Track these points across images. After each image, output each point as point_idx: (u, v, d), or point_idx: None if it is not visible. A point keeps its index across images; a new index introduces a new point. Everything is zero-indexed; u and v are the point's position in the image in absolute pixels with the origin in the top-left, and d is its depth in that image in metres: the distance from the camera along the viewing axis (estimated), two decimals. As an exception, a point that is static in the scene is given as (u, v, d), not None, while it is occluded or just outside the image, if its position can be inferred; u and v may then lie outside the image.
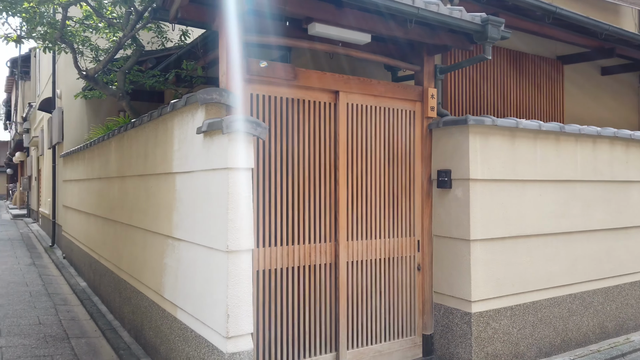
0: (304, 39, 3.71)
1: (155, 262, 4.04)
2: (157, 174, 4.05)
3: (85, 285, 6.93)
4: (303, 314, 3.52)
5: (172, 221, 3.68)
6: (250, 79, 3.35)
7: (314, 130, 3.65)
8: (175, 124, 3.61)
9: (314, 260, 3.59)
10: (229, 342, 2.84)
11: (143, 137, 4.38)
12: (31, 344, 4.49)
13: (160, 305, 3.91)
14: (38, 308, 5.74)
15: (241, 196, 2.92)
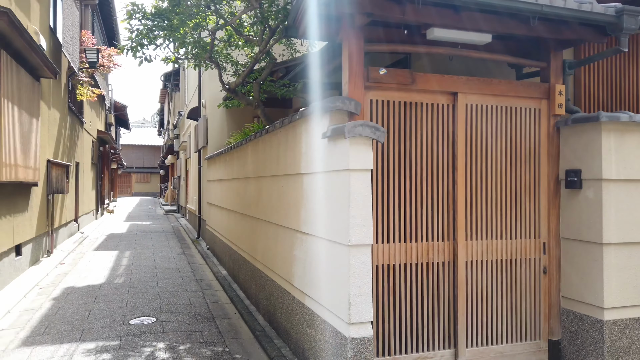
0: (422, 44, 3.84)
1: (286, 253, 4.48)
2: (287, 175, 4.49)
3: (225, 274, 7.80)
4: (421, 308, 3.66)
5: (300, 217, 4.07)
6: (370, 86, 3.59)
7: (431, 131, 3.76)
8: (303, 129, 3.99)
9: (432, 258, 3.70)
10: (351, 327, 3.11)
11: (275, 141, 4.87)
12: (184, 320, 5.25)
13: (290, 292, 4.33)
14: (188, 291, 6.64)
15: (361, 195, 3.16)
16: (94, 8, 14.82)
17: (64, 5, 10.02)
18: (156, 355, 4.20)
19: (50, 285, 6.96)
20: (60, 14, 9.71)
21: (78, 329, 4.90)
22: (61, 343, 4.48)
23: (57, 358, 4.12)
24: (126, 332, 4.80)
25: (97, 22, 16.05)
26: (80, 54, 11.74)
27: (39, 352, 4.27)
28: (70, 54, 10.55)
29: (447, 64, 4.58)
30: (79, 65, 11.64)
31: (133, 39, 5.07)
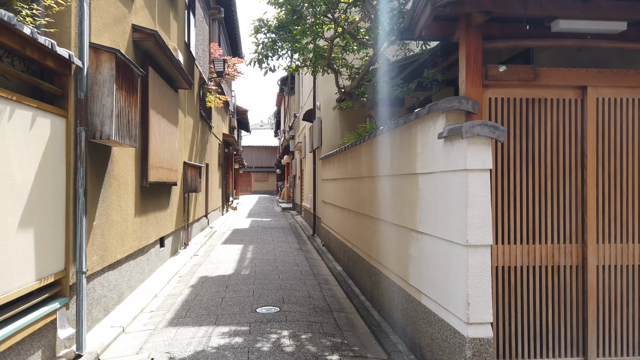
0: (545, 37, 3.67)
1: (401, 251, 4.56)
2: (401, 175, 4.57)
3: (340, 269, 8.08)
4: (545, 313, 3.51)
5: (415, 216, 4.13)
6: (488, 84, 3.53)
7: (556, 128, 3.59)
8: (419, 130, 4.05)
9: (557, 261, 3.53)
10: (469, 327, 3.11)
11: (389, 142, 4.97)
12: (305, 311, 5.59)
13: (405, 290, 4.41)
14: (307, 284, 7.02)
15: (480, 195, 3.15)
16: (220, 21, 16.15)
17: (197, 21, 11.11)
18: (281, 342, 4.56)
19: (188, 274, 7.82)
20: (193, 30, 10.80)
21: (213, 313, 5.48)
22: (200, 325, 5.07)
23: (198, 338, 4.67)
24: (254, 319, 5.26)
25: (223, 33, 17.45)
26: (209, 64, 12.91)
27: (183, 332, 4.88)
28: (202, 66, 11.67)
29: (570, 57, 4.30)
30: (209, 75, 12.82)
31: (259, 52, 5.53)
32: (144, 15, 6.81)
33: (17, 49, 3.37)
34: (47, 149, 3.81)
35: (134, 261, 6.36)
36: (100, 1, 4.97)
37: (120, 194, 5.63)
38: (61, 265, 4.04)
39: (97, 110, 4.53)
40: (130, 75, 5.11)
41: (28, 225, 3.52)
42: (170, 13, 8.63)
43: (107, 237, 5.16)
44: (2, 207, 3.19)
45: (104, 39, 5.07)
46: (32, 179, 3.58)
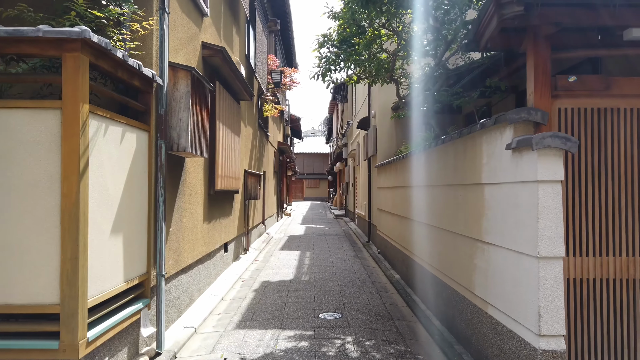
0: (617, 46, 3.61)
1: (465, 261, 4.57)
2: (465, 184, 4.59)
3: (399, 277, 8.11)
4: (620, 328, 3.43)
5: (481, 226, 4.15)
6: (557, 94, 3.52)
7: (629, 138, 3.51)
8: (484, 140, 4.07)
9: (632, 274, 3.45)
10: (541, 339, 3.11)
11: (452, 151, 5.00)
12: (366, 318, 5.69)
13: (470, 300, 4.42)
14: (366, 292, 7.11)
15: (551, 207, 3.14)
16: (276, 33, 16.62)
17: (256, 35, 11.54)
18: (346, 347, 4.68)
19: (250, 279, 8.12)
20: (252, 43, 11.22)
21: (278, 317, 5.69)
22: (267, 329, 5.28)
23: (266, 341, 4.88)
24: (317, 324, 5.41)
25: (279, 44, 17.94)
26: (267, 75, 13.34)
27: (251, 334, 5.11)
28: (260, 77, 12.09)
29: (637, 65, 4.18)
30: (266, 85, 13.24)
31: (322, 65, 5.73)
32: (212, 32, 7.20)
33: (110, 71, 3.72)
34: (133, 161, 4.16)
35: (202, 265, 6.70)
36: (176, 22, 5.33)
37: (191, 201, 5.98)
38: (144, 268, 4.37)
39: (175, 124, 4.87)
40: (203, 91, 5.44)
41: (118, 231, 3.85)
42: (233, 28, 9.04)
43: (180, 243, 5.50)
44: (98, 215, 3.53)
45: (179, 57, 5.43)
46: (121, 189, 3.92)
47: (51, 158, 3.20)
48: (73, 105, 3.21)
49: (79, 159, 3.21)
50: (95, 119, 3.48)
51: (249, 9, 10.59)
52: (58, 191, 3.20)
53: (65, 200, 3.19)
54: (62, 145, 3.20)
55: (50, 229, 3.18)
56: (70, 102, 3.21)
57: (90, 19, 3.56)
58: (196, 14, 6.22)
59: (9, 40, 3.16)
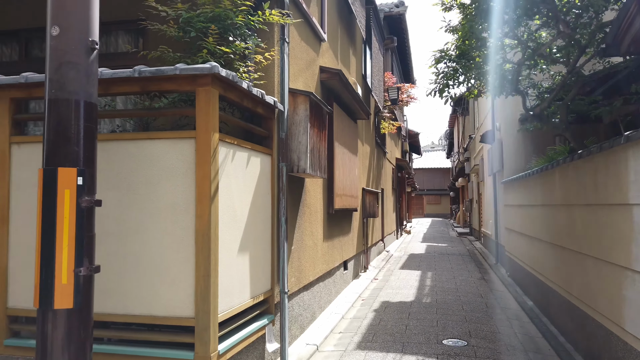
0: None
1: (611, 292, 4.02)
2: (608, 205, 4.06)
3: (532, 305, 7.43)
4: None
5: (630, 253, 3.62)
6: None
7: None
8: (630, 155, 3.57)
9: None
10: None
11: (591, 167, 4.47)
12: (495, 348, 5.28)
13: (620, 337, 3.86)
14: (494, 319, 6.62)
15: None
16: (392, 50, 16.63)
17: (372, 54, 11.66)
18: (471, 378, 4.39)
19: (370, 298, 8.06)
20: (369, 62, 11.35)
21: (399, 341, 5.54)
22: (387, 351, 5.17)
23: (386, 364, 4.78)
24: (441, 350, 5.16)
25: (395, 61, 17.92)
26: (383, 93, 13.37)
27: (372, 356, 5.04)
28: (377, 95, 12.15)
29: None
30: (383, 103, 13.26)
31: (439, 81, 5.57)
32: (329, 56, 7.42)
33: (236, 101, 4.01)
34: (257, 184, 4.41)
35: (323, 283, 6.83)
36: (295, 50, 5.60)
37: (311, 220, 6.15)
38: (268, 285, 4.57)
39: (294, 147, 5.07)
40: (320, 113, 5.61)
41: (244, 250, 4.09)
42: (350, 50, 9.23)
43: (302, 261, 5.67)
44: (227, 235, 3.78)
45: (298, 83, 5.68)
46: (247, 210, 4.17)
47: (187, 183, 3.52)
48: (205, 134, 3.51)
49: (210, 183, 3.48)
50: (224, 145, 3.77)
51: (365, 29, 10.75)
52: (193, 213, 3.50)
53: (198, 221, 3.47)
54: (196, 171, 3.51)
55: (186, 248, 3.49)
56: (202, 132, 3.51)
57: (219, 55, 3.88)
58: (314, 40, 6.47)
59: (153, 79, 3.58)
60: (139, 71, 3.52)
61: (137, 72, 3.52)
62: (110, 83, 3.65)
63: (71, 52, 2.71)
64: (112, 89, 3.67)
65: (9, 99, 3.80)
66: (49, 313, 2.56)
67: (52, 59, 2.71)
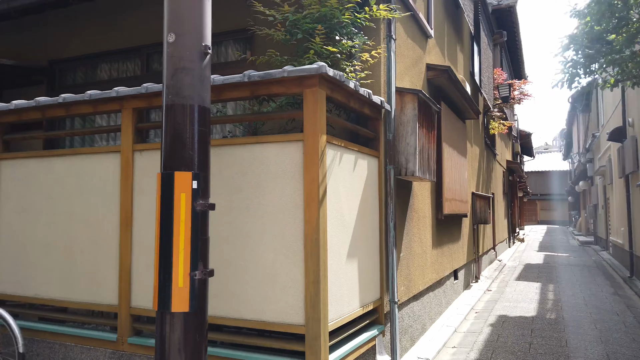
0: None
1: None
2: None
3: (683, 326, 6.35)
4: None
5: None
6: None
7: None
8: None
9: None
10: None
11: None
12: (641, 376, 4.54)
13: None
14: (637, 341, 5.73)
15: None
16: (502, 45, 15.59)
17: (481, 49, 10.97)
18: (616, 411, 3.77)
19: (484, 311, 7.48)
20: (477, 58, 10.69)
21: (521, 360, 5.01)
22: (509, 371, 4.68)
23: (509, 386, 4.31)
24: (573, 375, 4.56)
25: (505, 56, 16.80)
26: (493, 90, 12.52)
27: (490, 375, 4.59)
28: (486, 93, 11.40)
29: None
30: (493, 102, 12.42)
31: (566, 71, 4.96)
32: (435, 53, 7.05)
33: (343, 102, 3.87)
34: (365, 187, 4.23)
35: (433, 293, 6.45)
36: (402, 47, 5.35)
37: (420, 226, 5.83)
38: (377, 294, 4.36)
39: (402, 149, 4.82)
40: (429, 112, 5.29)
41: (353, 256, 3.92)
42: (457, 46, 8.74)
43: (410, 269, 5.37)
44: (336, 240, 3.64)
45: (404, 81, 5.41)
46: (355, 214, 4.00)
47: (295, 187, 3.45)
48: (312, 137, 3.41)
49: (318, 187, 3.37)
50: (332, 148, 3.64)
51: (474, 24, 10.15)
52: (301, 217, 3.41)
53: (307, 226, 3.37)
54: (304, 174, 3.42)
55: (295, 253, 3.40)
56: (310, 134, 3.42)
57: (326, 55, 3.78)
58: (420, 37, 6.17)
59: (261, 83, 3.57)
60: (248, 75, 3.53)
61: (247, 77, 3.54)
62: (222, 89, 3.71)
63: (186, 57, 2.75)
64: (223, 95, 3.74)
65: (131, 109, 4.04)
66: (166, 315, 2.60)
67: (168, 66, 2.77)
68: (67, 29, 6.11)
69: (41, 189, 4.35)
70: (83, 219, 4.15)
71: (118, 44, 5.79)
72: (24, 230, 4.40)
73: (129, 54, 5.83)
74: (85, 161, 4.19)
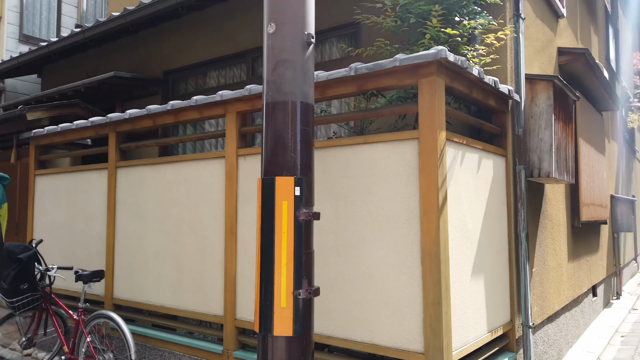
0: None
1: None
2: None
3: None
4: None
5: None
6: None
7: None
8: None
9: None
10: None
11: None
12: None
13: None
14: None
15: None
16: None
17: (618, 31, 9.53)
18: None
19: (632, 334, 6.32)
20: (613, 41, 9.28)
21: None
22: (682, 420, 3.75)
23: None
24: None
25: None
26: (633, 77, 10.86)
27: (657, 423, 3.70)
28: (625, 80, 9.88)
29: None
30: (632, 90, 10.76)
31: None
32: (567, 35, 6.12)
33: (464, 92, 3.34)
34: (490, 192, 3.64)
35: (569, 313, 5.54)
36: (530, 29, 4.62)
37: (553, 236, 5.01)
38: (507, 316, 3.73)
39: (534, 146, 4.12)
40: (565, 102, 4.51)
41: (478, 272, 3.36)
42: (590, 27, 7.59)
43: (544, 286, 4.60)
44: (458, 254, 3.12)
45: (533, 67, 4.68)
46: (479, 224, 3.44)
47: (409, 192, 3.00)
48: (429, 134, 2.94)
49: (437, 191, 2.89)
50: (452, 146, 3.14)
51: (610, 2, 8.82)
52: (417, 227, 2.95)
53: (425, 237, 2.91)
54: (420, 177, 2.96)
55: (411, 269, 2.96)
56: (426, 131, 2.95)
57: (443, 40, 3.29)
58: (551, 17, 5.34)
59: (369, 76, 3.18)
60: (355, 69, 3.17)
61: (354, 70, 3.17)
62: (326, 86, 3.39)
63: (287, 49, 2.46)
64: (327, 92, 3.41)
65: (235, 112, 3.89)
66: (268, 339, 2.31)
67: (268, 59, 2.50)
68: (178, 40, 6.28)
69: (153, 196, 4.40)
70: (190, 226, 4.09)
71: (224, 51, 5.80)
72: (138, 237, 4.48)
73: (235, 60, 5.81)
74: (192, 168, 4.14)
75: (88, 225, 4.94)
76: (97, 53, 7.23)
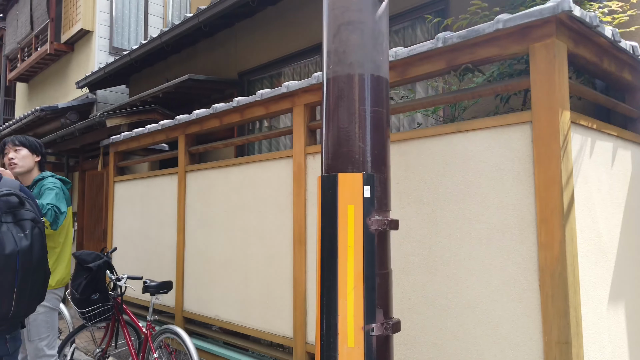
0: None
1: None
2: None
3: None
4: None
5: None
6: None
7: None
8: None
9: None
10: None
11: None
12: None
13: None
14: None
15: None
16: None
17: None
18: None
19: None
20: None
21: None
22: None
23: None
24: None
25: None
26: None
27: None
28: None
29: None
30: None
31: None
32: None
33: (592, 62, 2.54)
34: (629, 192, 2.77)
35: None
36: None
37: None
38: (657, 357, 2.82)
39: (686, 132, 3.15)
40: None
41: (618, 300, 2.53)
42: None
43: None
44: (591, 275, 2.33)
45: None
46: (617, 235, 2.60)
47: (520, 192, 2.28)
48: (548, 115, 2.20)
49: (560, 192, 2.15)
50: (578, 131, 2.37)
51: None
52: (532, 239, 2.23)
53: (544, 252, 2.17)
54: (534, 172, 2.23)
55: (524, 293, 2.23)
56: (543, 111, 2.22)
57: (559, -5, 2.52)
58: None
59: (462, 47, 2.51)
60: (443, 39, 2.52)
61: (442, 41, 2.53)
62: (406, 65, 2.77)
63: (352, 7, 1.88)
64: (409, 73, 2.79)
65: (302, 105, 3.40)
66: (331, 390, 1.74)
67: (329, 23, 1.94)
68: (251, 39, 5.99)
69: (219, 201, 4.05)
70: (257, 233, 3.67)
71: (297, 45, 5.39)
72: (206, 245, 4.16)
73: (308, 54, 5.37)
74: (258, 169, 3.72)
75: (161, 232, 4.74)
76: (177, 59, 7.20)
